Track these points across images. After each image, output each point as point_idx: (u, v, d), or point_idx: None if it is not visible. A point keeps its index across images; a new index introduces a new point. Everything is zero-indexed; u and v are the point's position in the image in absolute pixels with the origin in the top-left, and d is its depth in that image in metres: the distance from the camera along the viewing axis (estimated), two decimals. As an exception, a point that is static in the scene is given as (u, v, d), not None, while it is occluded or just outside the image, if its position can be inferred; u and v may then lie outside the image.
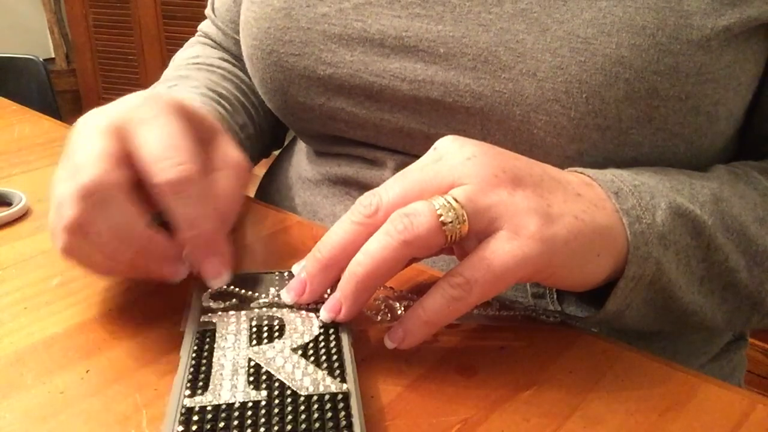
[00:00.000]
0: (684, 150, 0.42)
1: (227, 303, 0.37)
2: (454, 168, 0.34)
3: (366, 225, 0.34)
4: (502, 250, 0.32)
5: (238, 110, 0.57)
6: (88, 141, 0.34)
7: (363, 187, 0.51)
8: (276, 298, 0.37)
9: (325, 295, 0.35)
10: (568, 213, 0.34)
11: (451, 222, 0.32)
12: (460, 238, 0.33)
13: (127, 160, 0.34)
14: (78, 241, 0.34)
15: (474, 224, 0.32)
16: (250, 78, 0.56)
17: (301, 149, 0.59)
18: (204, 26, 0.69)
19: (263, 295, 0.37)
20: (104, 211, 0.33)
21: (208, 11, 0.68)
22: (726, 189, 0.40)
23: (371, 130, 0.48)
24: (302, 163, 0.57)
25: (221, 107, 0.54)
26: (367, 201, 0.34)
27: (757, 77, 0.43)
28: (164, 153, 0.34)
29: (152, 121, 0.35)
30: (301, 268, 0.36)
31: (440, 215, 0.32)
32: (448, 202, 0.32)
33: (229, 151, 0.39)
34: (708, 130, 0.42)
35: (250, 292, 0.37)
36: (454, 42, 0.43)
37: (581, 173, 0.38)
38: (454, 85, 0.43)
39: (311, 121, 0.51)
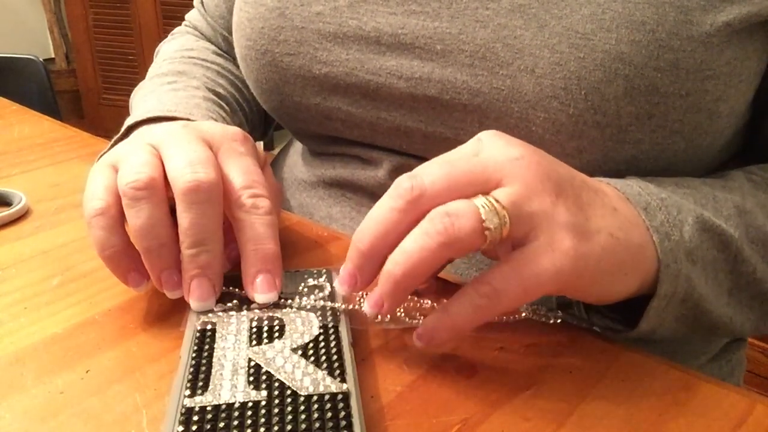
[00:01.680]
0: (684, 147, 0.42)
1: (227, 304, 0.37)
2: (501, 166, 0.33)
3: (407, 212, 0.33)
4: (536, 264, 0.31)
5: (235, 111, 0.58)
6: (187, 145, 0.38)
7: (358, 188, 0.51)
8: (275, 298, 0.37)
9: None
10: (604, 229, 0.33)
11: (494, 227, 0.31)
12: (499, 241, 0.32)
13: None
14: (117, 208, 0.36)
15: (514, 230, 0.32)
16: (241, 72, 0.56)
17: (296, 151, 0.59)
18: (192, 18, 0.69)
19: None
20: (156, 198, 0.36)
21: (197, 3, 0.68)
22: (749, 201, 0.40)
23: (367, 129, 0.48)
24: (298, 164, 0.57)
25: (222, 110, 0.54)
26: (407, 184, 0.33)
27: (759, 74, 0.43)
28: (250, 183, 0.38)
29: (241, 155, 0.40)
30: (347, 259, 0.35)
31: (484, 219, 0.31)
32: (493, 205, 0.31)
33: (271, 179, 0.43)
34: (709, 127, 0.42)
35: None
36: (450, 39, 0.43)
37: (608, 184, 0.37)
38: (451, 83, 0.43)
39: (307, 122, 0.51)
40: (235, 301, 0.37)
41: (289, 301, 0.37)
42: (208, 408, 0.29)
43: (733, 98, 0.41)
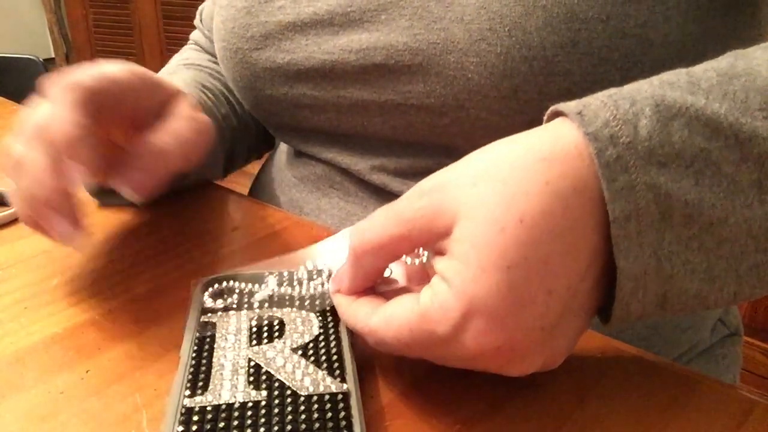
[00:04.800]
0: (619, 78, 0.41)
1: (227, 301, 0.37)
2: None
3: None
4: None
5: (221, 102, 0.60)
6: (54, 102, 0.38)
7: (344, 178, 0.53)
8: (275, 289, 0.37)
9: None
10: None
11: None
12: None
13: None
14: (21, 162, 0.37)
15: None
16: None
17: (283, 150, 0.61)
18: (194, 35, 0.73)
19: (263, 286, 0.37)
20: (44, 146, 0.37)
21: (197, 21, 0.72)
22: (743, 61, 0.31)
23: (332, 112, 0.51)
24: (286, 162, 0.60)
25: (205, 96, 0.57)
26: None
27: (695, 5, 0.42)
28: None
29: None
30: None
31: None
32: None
33: (182, 107, 0.44)
34: (641, 55, 0.42)
35: (249, 286, 0.37)
36: (392, 6, 0.45)
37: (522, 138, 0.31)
38: (393, 47, 0.45)
39: (280, 114, 0.54)
40: (235, 297, 0.37)
41: (289, 291, 0.37)
42: (208, 408, 0.29)
43: (664, 26, 0.41)
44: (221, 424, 0.29)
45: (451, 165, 0.31)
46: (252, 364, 0.32)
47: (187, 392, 0.30)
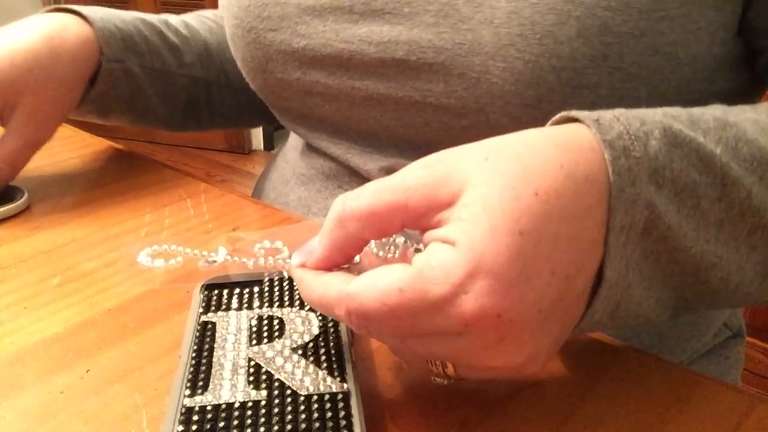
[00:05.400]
0: (646, 94, 0.41)
1: (227, 301, 0.37)
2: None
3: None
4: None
5: (189, 49, 0.62)
6: None
7: (353, 178, 0.53)
8: (227, 257, 0.37)
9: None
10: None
11: None
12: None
13: None
14: None
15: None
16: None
17: (293, 147, 0.61)
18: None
19: (212, 254, 0.37)
20: None
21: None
22: (732, 114, 0.34)
23: (345, 102, 0.50)
24: (295, 159, 0.59)
25: (157, 34, 0.61)
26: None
27: (724, 27, 0.42)
28: None
29: None
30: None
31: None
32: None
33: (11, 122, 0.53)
34: (669, 73, 0.41)
35: (196, 252, 0.37)
36: (417, 0, 0.44)
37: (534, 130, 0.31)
38: (416, 43, 0.44)
39: (290, 99, 0.53)
40: (235, 301, 0.37)
41: (244, 259, 0.36)
42: (208, 408, 0.29)
43: (693, 45, 0.41)
44: (221, 424, 0.29)
45: (456, 147, 0.30)
46: (252, 363, 0.32)
47: (187, 392, 0.30)
